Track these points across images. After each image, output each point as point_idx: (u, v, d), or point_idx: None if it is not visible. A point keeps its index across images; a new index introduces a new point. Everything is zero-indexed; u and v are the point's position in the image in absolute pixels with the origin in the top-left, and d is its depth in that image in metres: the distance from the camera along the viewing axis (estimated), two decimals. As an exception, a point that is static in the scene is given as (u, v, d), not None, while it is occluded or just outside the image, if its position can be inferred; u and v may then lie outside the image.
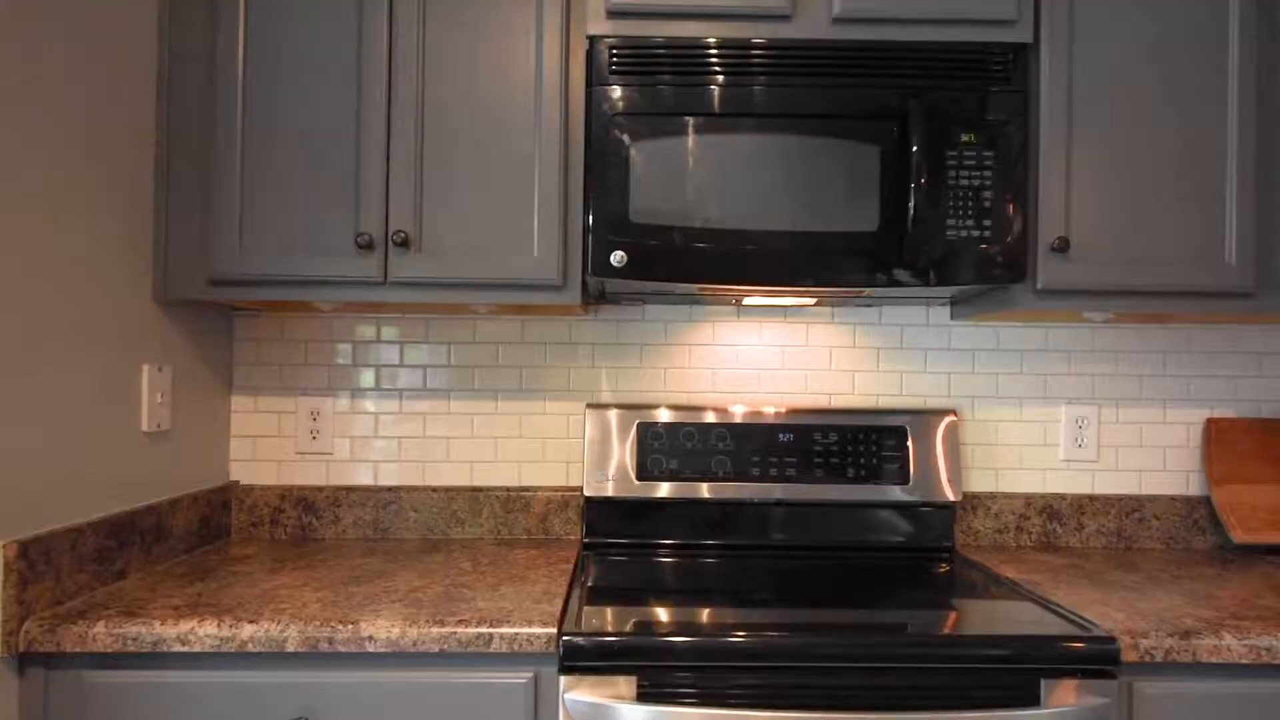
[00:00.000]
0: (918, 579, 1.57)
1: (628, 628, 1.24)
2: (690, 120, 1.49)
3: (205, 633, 1.22)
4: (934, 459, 1.80)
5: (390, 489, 1.87)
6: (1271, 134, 1.56)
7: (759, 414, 1.81)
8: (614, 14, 1.51)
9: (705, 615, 1.31)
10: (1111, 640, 1.23)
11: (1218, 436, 1.87)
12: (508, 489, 1.88)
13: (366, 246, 1.51)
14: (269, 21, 1.54)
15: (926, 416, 1.83)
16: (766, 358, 1.91)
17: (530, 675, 1.24)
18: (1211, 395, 1.91)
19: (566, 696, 1.20)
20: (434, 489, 1.87)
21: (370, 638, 1.22)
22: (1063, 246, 1.53)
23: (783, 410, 1.82)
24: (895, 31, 1.51)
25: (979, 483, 1.91)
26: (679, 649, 1.20)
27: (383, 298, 1.56)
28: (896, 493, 1.79)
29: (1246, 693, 1.24)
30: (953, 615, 1.34)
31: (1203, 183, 1.56)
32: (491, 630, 1.23)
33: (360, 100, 1.54)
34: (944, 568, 1.67)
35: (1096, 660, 1.22)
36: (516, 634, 1.23)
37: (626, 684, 1.21)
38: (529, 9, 1.55)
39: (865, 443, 1.81)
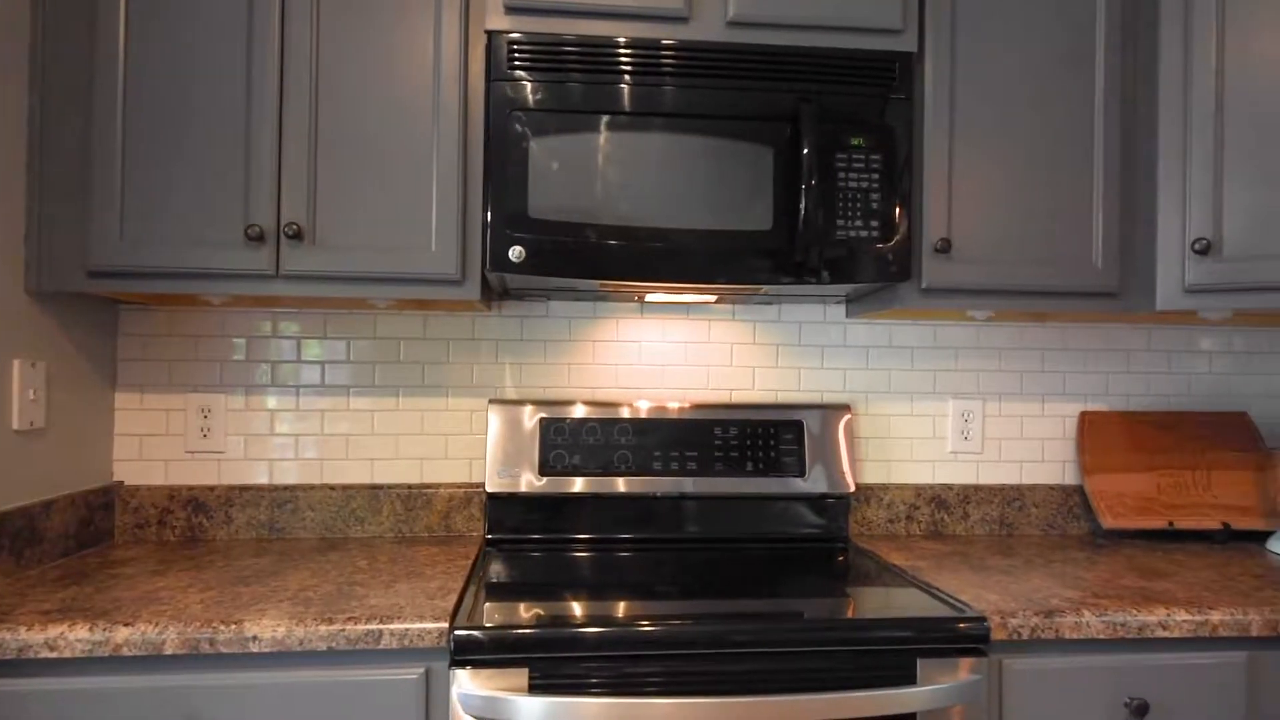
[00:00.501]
0: (812, 568, 1.62)
1: (520, 620, 1.25)
2: (587, 117, 1.50)
3: (76, 637, 1.17)
4: (830, 452, 1.86)
5: (287, 488, 1.82)
6: (1133, 147, 1.67)
7: (662, 409, 1.84)
8: (512, 9, 1.51)
9: (598, 606, 1.33)
10: (983, 620, 1.29)
11: (1090, 429, 1.99)
12: (409, 486, 1.85)
13: (257, 238, 1.48)
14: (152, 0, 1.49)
15: (823, 411, 1.89)
16: (669, 354, 1.94)
17: (421, 671, 1.23)
18: (1085, 390, 2.03)
19: (458, 691, 1.20)
20: (332, 487, 1.83)
21: (254, 638, 1.19)
22: (945, 247, 1.60)
23: (685, 406, 1.85)
24: (787, 36, 1.56)
25: (873, 474, 1.98)
26: (570, 639, 1.21)
27: (275, 291, 1.52)
28: (794, 485, 1.85)
29: (1103, 665, 1.33)
30: (840, 602, 1.39)
31: (1072, 190, 1.65)
32: (381, 626, 1.22)
33: (250, 85, 1.50)
34: (838, 557, 1.72)
35: (969, 639, 1.29)
36: (407, 629, 1.22)
37: (519, 676, 1.21)
38: (428, 1, 1.54)
39: (765, 437, 1.86)
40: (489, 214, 1.49)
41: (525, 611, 1.30)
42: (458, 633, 1.21)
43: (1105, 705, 1.32)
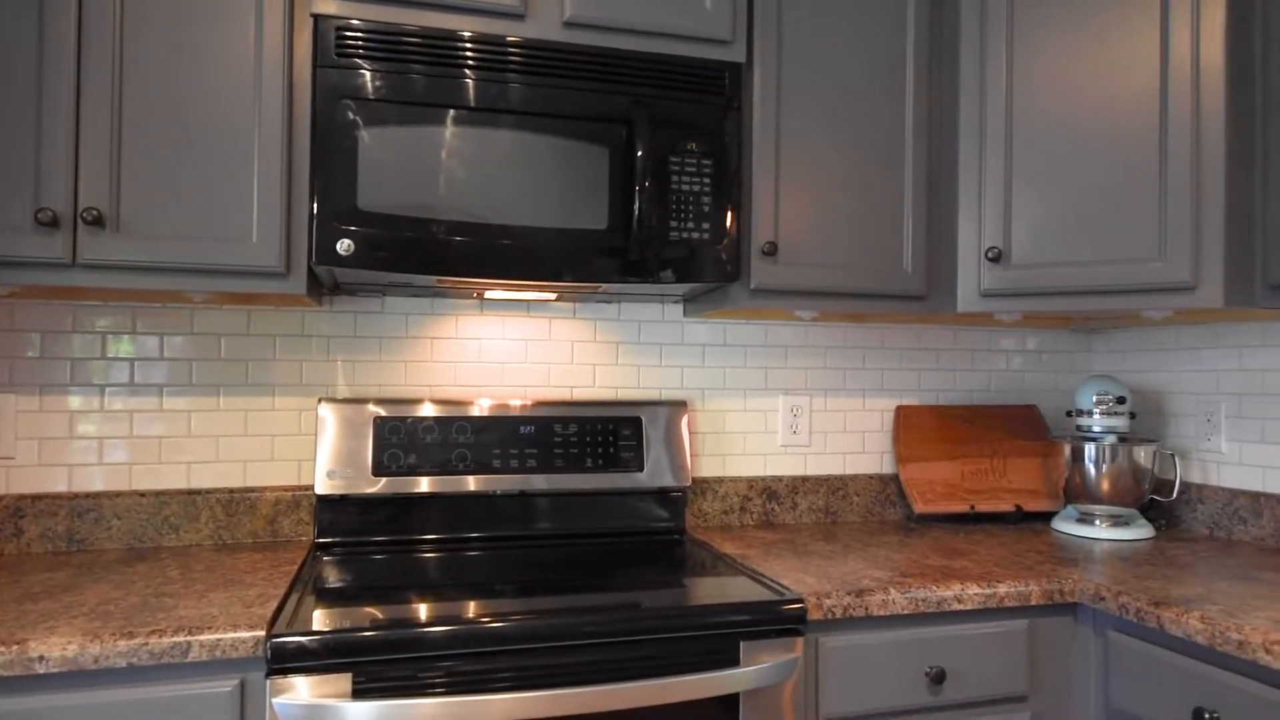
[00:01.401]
0: (649, 560, 1.66)
1: (342, 625, 1.21)
2: (417, 109, 1.48)
3: None
4: (668, 448, 1.92)
5: (89, 495, 1.68)
6: (939, 162, 1.82)
7: (501, 407, 1.83)
8: (341, -6, 1.47)
9: (426, 607, 1.31)
10: (800, 602, 1.37)
11: (905, 421, 2.15)
12: (231, 490, 1.75)
13: (49, 223, 1.35)
14: (-78, -41, 1.34)
15: (662, 408, 1.94)
16: (509, 351, 1.94)
17: (235, 683, 1.17)
18: (901, 386, 2.19)
19: (275, 701, 1.15)
20: (142, 493, 1.71)
21: (41, 658, 1.10)
22: (771, 250, 1.69)
23: (525, 403, 1.85)
24: (622, 40, 1.59)
25: (709, 468, 2.05)
26: (394, 641, 1.19)
27: (73, 281, 1.40)
28: (634, 480, 1.88)
29: (908, 638, 1.44)
30: (671, 592, 1.43)
31: (886, 200, 1.78)
32: (190, 639, 1.15)
33: (42, 53, 1.37)
34: (675, 549, 1.77)
35: (787, 620, 1.36)
36: (219, 640, 1.16)
37: (342, 682, 1.18)
38: (248, -21, 1.46)
39: (605, 433, 1.88)
40: (316, 205, 1.44)
41: (349, 615, 1.26)
42: (275, 640, 1.16)
43: (909, 675, 1.44)
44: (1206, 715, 1.27)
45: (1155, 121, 1.60)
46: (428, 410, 1.79)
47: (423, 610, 1.29)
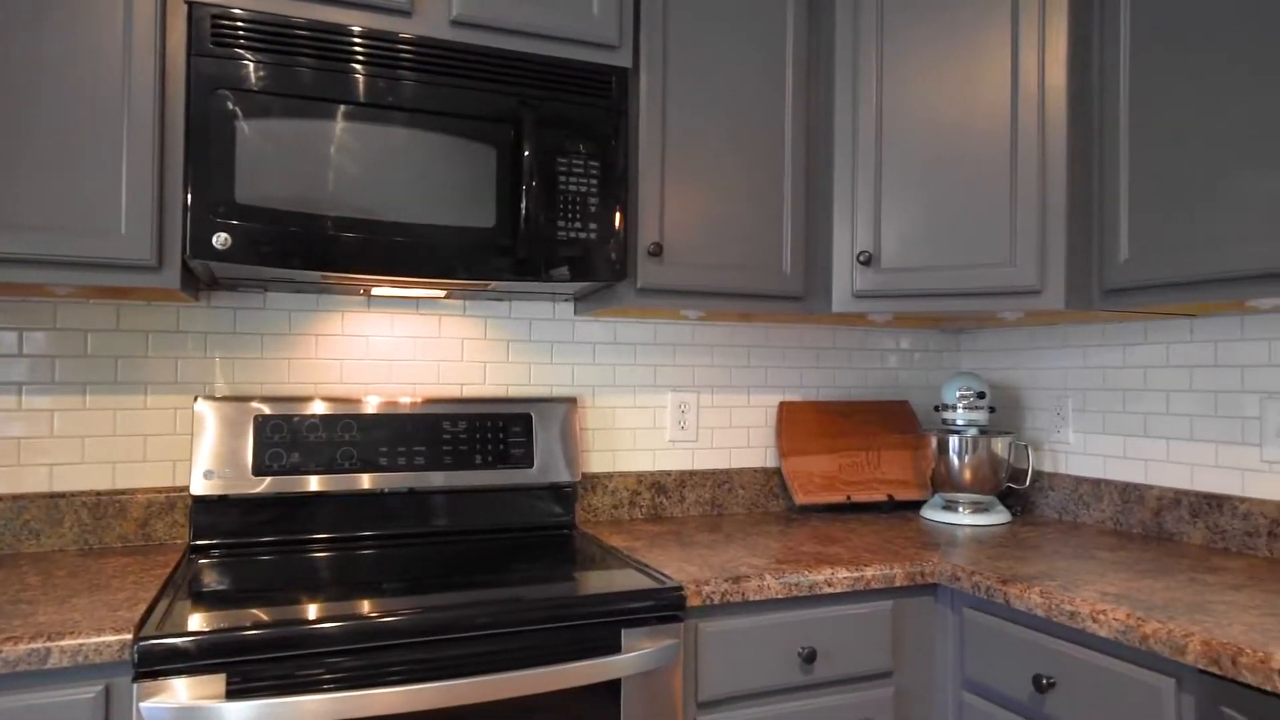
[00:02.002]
0: (538, 554, 1.69)
1: (216, 625, 1.19)
2: (301, 103, 1.46)
3: None
4: (557, 444, 1.94)
5: (-63, 501, 1.58)
6: (816, 170, 1.91)
7: (388, 404, 1.82)
8: (217, -18, 1.43)
9: (302, 606, 1.30)
10: (679, 590, 1.43)
11: (787, 417, 2.24)
12: (98, 493, 1.68)
13: (-109, 211, 1.27)
14: None
15: (551, 405, 1.96)
16: (398, 349, 1.92)
17: (100, 688, 1.14)
18: (784, 383, 2.29)
19: (143, 705, 1.12)
20: (-1, 498, 1.62)
21: (-120, 669, 1.04)
22: (657, 251, 1.74)
23: (414, 400, 1.85)
24: (509, 41, 1.61)
25: (599, 464, 2.09)
26: (269, 641, 1.18)
27: (-83, 273, 1.32)
28: (523, 476, 1.90)
29: (782, 621, 1.51)
30: (557, 584, 1.46)
31: (767, 204, 1.86)
32: (49, 644, 1.11)
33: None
34: (563, 543, 1.80)
35: (667, 607, 1.41)
36: (82, 645, 1.12)
37: (215, 683, 1.16)
38: (116, -38, 1.41)
39: (494, 430, 1.90)
40: (190, 197, 1.40)
41: (223, 615, 1.24)
42: (142, 643, 1.13)
43: (783, 656, 1.51)
44: (1044, 681, 1.39)
45: (1007, 136, 1.73)
46: (312, 408, 1.76)
47: (300, 608, 1.27)
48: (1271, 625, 1.21)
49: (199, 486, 1.66)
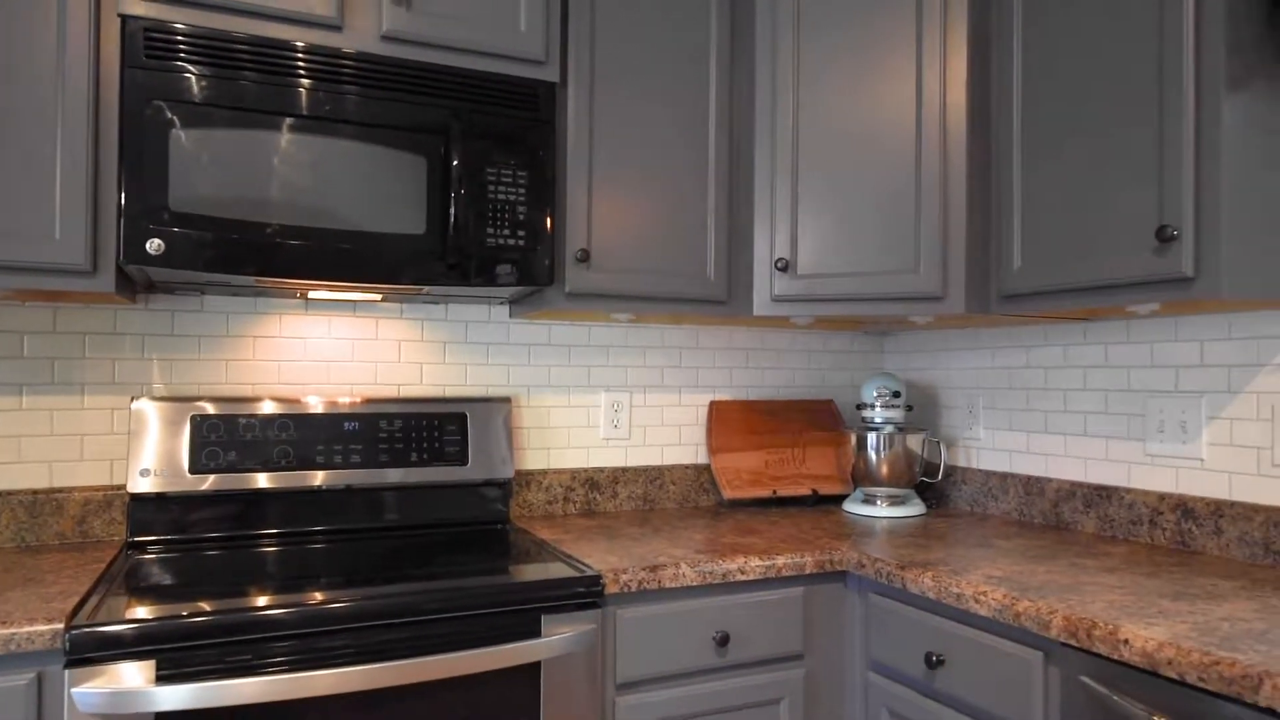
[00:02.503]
0: (470, 547, 1.76)
1: (145, 615, 1.24)
2: (233, 113, 1.51)
3: None
4: (491, 442, 2.02)
5: None
6: (738, 181, 2.01)
7: (326, 404, 1.88)
8: (151, -3, 1.48)
9: (231, 596, 1.36)
10: (598, 578, 1.51)
11: (717, 416, 2.34)
12: (35, 491, 1.72)
13: None
14: None
15: (486, 404, 2.04)
16: (336, 350, 1.98)
17: (32, 676, 1.19)
18: (714, 383, 2.38)
19: (74, 691, 1.17)
20: (-66, 497, 1.65)
21: None
22: (584, 257, 1.82)
23: (352, 400, 1.91)
24: (439, 56, 1.68)
25: (533, 461, 2.17)
26: (195, 629, 1.24)
27: None
28: (458, 473, 1.97)
29: (697, 607, 1.61)
30: (483, 574, 1.53)
31: (692, 213, 1.95)
32: (-19, 633, 1.16)
33: None
34: (496, 537, 1.88)
35: (585, 595, 1.50)
36: (14, 634, 1.17)
37: (145, 669, 1.21)
38: (51, -25, 1.45)
39: (429, 429, 1.96)
40: (124, 203, 1.45)
41: (153, 606, 1.29)
42: (73, 631, 1.18)
43: (698, 639, 1.60)
44: (935, 658, 1.50)
45: (912, 152, 1.84)
46: (249, 408, 1.81)
47: (230, 598, 1.33)
48: (1129, 602, 1.33)
49: (136, 485, 1.71)
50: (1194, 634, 1.16)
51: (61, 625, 1.19)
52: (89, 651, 1.19)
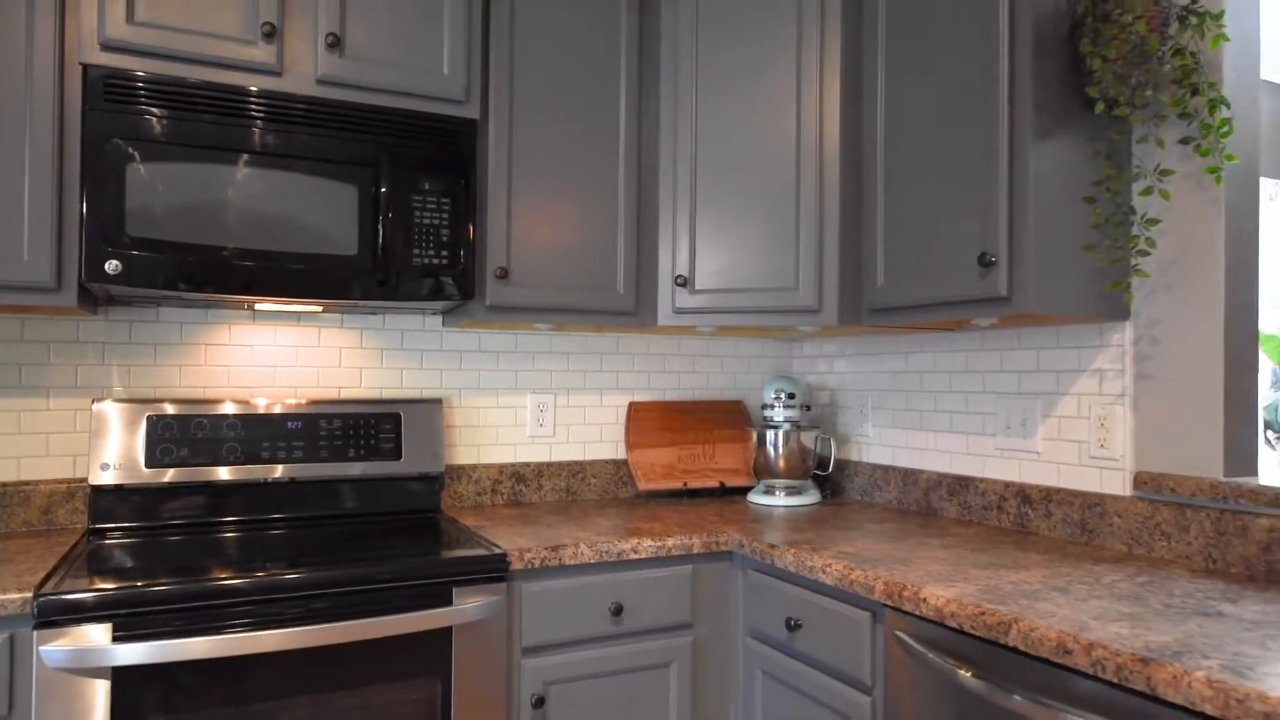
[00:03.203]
0: (399, 533, 1.98)
1: (102, 586, 1.46)
2: (184, 149, 1.72)
3: None
4: (424, 439, 2.24)
5: None
6: (644, 204, 2.25)
7: (271, 405, 2.09)
8: (109, 47, 1.69)
9: (177, 573, 1.57)
10: (505, 556, 1.74)
11: (634, 415, 2.58)
12: (3, 484, 1.91)
13: None
14: None
15: (419, 405, 2.26)
16: (281, 356, 2.19)
17: (5, 637, 1.39)
18: (633, 385, 2.62)
19: (41, 649, 1.38)
20: (-88, 488, 1.84)
21: None
22: (504, 275, 2.05)
23: (296, 401, 2.12)
24: (369, 97, 1.90)
25: (464, 457, 2.39)
26: (144, 597, 1.45)
27: None
28: (392, 468, 2.19)
29: (594, 582, 1.84)
30: (407, 553, 1.75)
31: (603, 233, 2.19)
32: (-40, 600, 1.36)
33: None
34: (426, 524, 2.10)
35: (493, 570, 1.73)
36: (-12, 601, 1.38)
37: (104, 631, 1.42)
38: (13, 21, 1.65)
39: (367, 427, 2.18)
40: (85, 230, 1.66)
41: (109, 579, 1.50)
42: (41, 599, 1.39)
43: (594, 611, 1.84)
44: (793, 622, 1.75)
45: (793, 179, 2.09)
46: (200, 408, 2.02)
47: (176, 573, 1.55)
48: (945, 571, 1.59)
49: (97, 478, 1.91)
50: (979, 594, 1.42)
51: (30, 594, 1.40)
52: (54, 615, 1.40)
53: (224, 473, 2.02)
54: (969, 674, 1.33)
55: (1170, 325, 1.73)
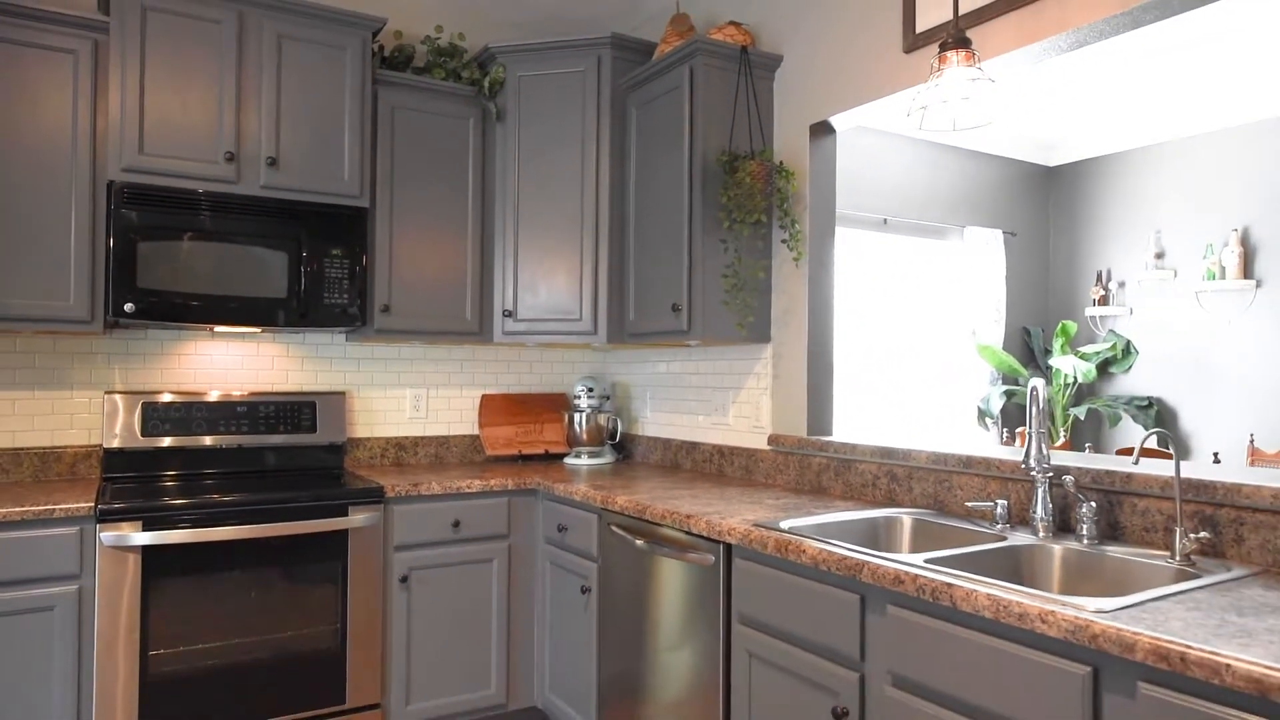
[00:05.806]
0: (315, 481, 3.01)
1: (129, 502, 2.46)
2: (174, 231, 2.73)
3: None
4: (332, 419, 3.27)
5: (-55, 452, 2.73)
6: (487, 253, 3.33)
7: (225, 394, 3.09)
8: (128, 170, 2.68)
9: (171, 496, 2.58)
10: (381, 489, 2.80)
11: (485, 403, 3.66)
12: (45, 448, 2.87)
13: (-52, 294, 2.46)
14: None
15: (329, 395, 3.28)
16: (232, 362, 3.19)
17: (77, 529, 2.39)
18: (485, 382, 3.70)
19: (101, 535, 2.38)
20: (-17, 450, 2.78)
21: (-26, 515, 2.26)
22: (386, 309, 3.10)
23: (242, 393, 3.12)
24: (295, 195, 2.93)
25: (361, 432, 3.43)
26: (159, 507, 2.47)
27: (-44, 325, 2.50)
28: (309, 439, 3.22)
29: (443, 507, 2.91)
30: (323, 489, 2.79)
31: (456, 278, 3.26)
32: (54, 507, 2.35)
33: (-57, 203, 2.47)
34: (334, 476, 3.13)
35: (373, 496, 2.78)
36: (71, 508, 2.37)
37: (135, 526, 2.43)
38: (63, 153, 2.62)
39: (291, 411, 3.20)
40: (110, 283, 2.65)
41: (134, 499, 2.51)
42: (100, 508, 2.39)
43: (441, 524, 2.91)
44: (560, 527, 2.86)
45: (578, 242, 3.21)
46: (177, 397, 3.01)
47: (170, 495, 2.56)
48: (650, 489, 2.72)
49: (109, 443, 2.88)
50: (649, 499, 2.55)
51: (93, 504, 2.40)
52: (108, 518, 2.40)
53: (194, 441, 3.01)
54: (638, 540, 2.47)
55: (786, 347, 2.91)
